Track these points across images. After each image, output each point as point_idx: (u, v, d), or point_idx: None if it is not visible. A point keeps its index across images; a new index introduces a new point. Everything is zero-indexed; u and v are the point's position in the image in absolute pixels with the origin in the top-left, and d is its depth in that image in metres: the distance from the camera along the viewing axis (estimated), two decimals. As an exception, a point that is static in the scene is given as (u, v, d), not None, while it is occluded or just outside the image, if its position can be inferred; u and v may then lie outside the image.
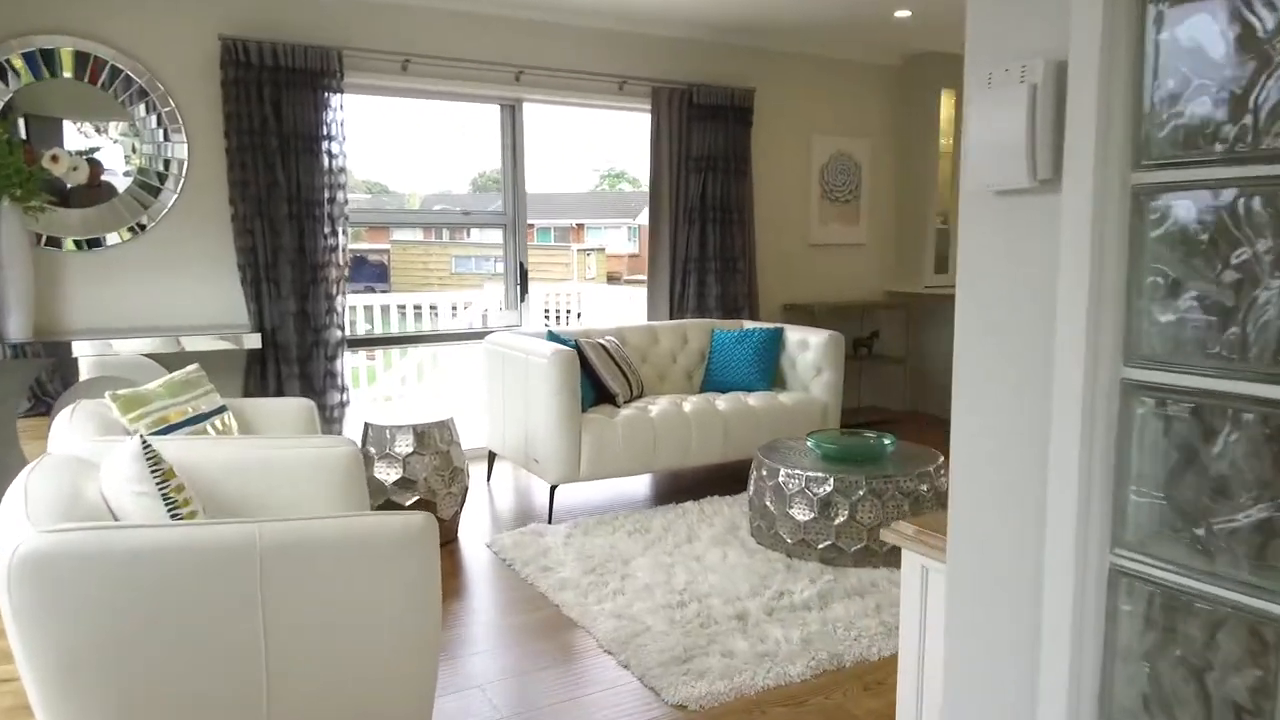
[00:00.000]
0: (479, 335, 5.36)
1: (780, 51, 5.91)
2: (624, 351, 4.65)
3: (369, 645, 2.00)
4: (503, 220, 5.38)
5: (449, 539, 3.88)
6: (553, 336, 4.44)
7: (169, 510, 2.07)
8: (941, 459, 3.60)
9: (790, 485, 3.48)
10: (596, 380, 4.37)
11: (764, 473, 3.61)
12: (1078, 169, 1.02)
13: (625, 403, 4.44)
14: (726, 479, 4.74)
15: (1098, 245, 1.01)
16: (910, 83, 6.33)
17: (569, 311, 9.15)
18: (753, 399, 4.59)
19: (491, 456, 4.85)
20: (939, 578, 1.88)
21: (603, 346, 4.50)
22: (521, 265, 5.42)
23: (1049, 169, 1.05)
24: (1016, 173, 1.07)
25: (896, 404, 6.68)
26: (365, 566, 2.00)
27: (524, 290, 5.43)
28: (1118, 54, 0.98)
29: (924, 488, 3.43)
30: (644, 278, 5.83)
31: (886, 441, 3.67)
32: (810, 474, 3.44)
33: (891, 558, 3.41)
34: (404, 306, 7.62)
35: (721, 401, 4.51)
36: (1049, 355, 1.08)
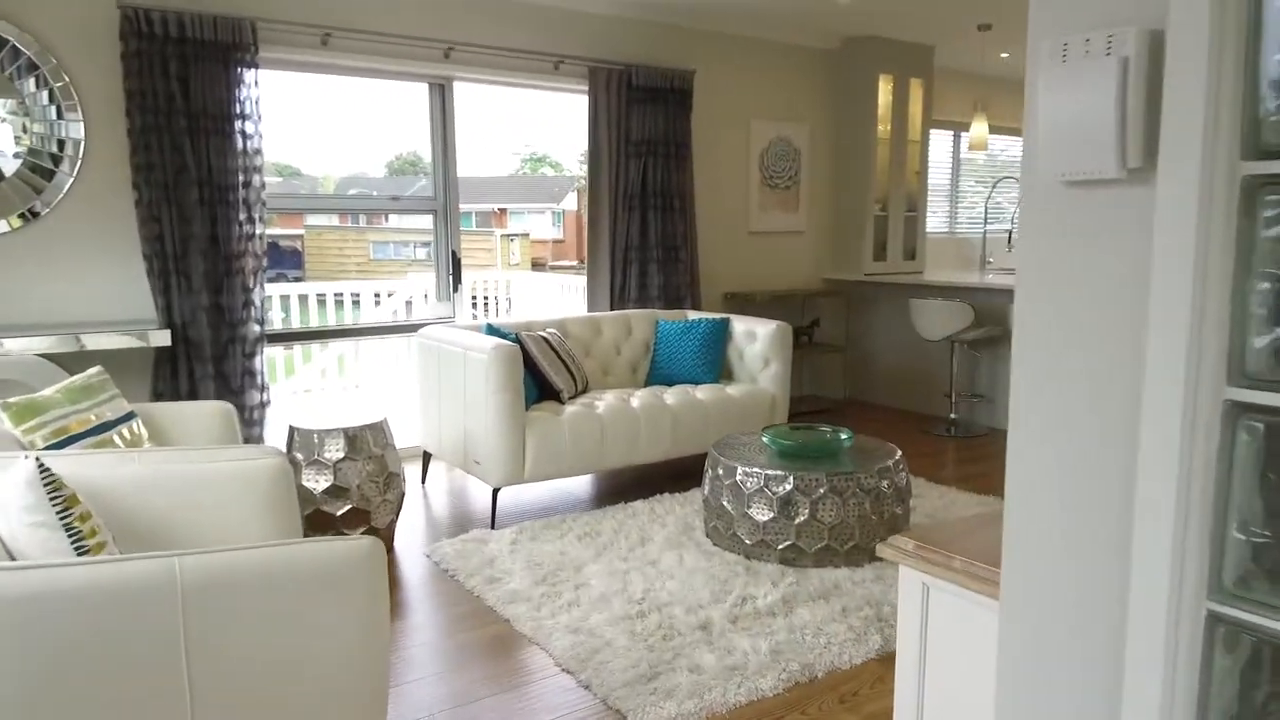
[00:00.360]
0: (410, 328, 5.08)
1: (720, 33, 5.76)
2: (567, 345, 4.44)
3: (310, 689, 1.78)
4: (432, 206, 5.10)
5: (385, 549, 3.63)
6: (492, 330, 4.20)
7: (73, 544, 1.80)
8: (899, 453, 3.52)
9: (749, 484, 3.34)
10: (540, 376, 4.16)
11: (720, 471, 3.47)
12: (1178, 157, 0.87)
13: (570, 399, 4.24)
14: (675, 475, 4.59)
15: (1201, 246, 0.86)
16: (849, 67, 6.25)
17: (497, 300, 8.87)
18: (701, 392, 4.44)
19: (426, 457, 4.59)
20: (941, 596, 1.76)
21: (545, 340, 4.29)
22: (454, 254, 5.15)
23: (1140, 156, 0.90)
24: (1099, 161, 0.92)
25: (835, 392, 6.64)
26: (304, 601, 1.77)
27: (456, 280, 5.17)
28: (1229, 21, 0.84)
29: (885, 484, 3.33)
30: (572, 264, 5.64)
31: (844, 436, 3.57)
32: (770, 472, 3.30)
33: (853, 556, 3.31)
34: (323, 296, 7.25)
35: (669, 395, 4.35)
36: (1136, 373, 0.93)
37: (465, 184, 5.16)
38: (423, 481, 4.57)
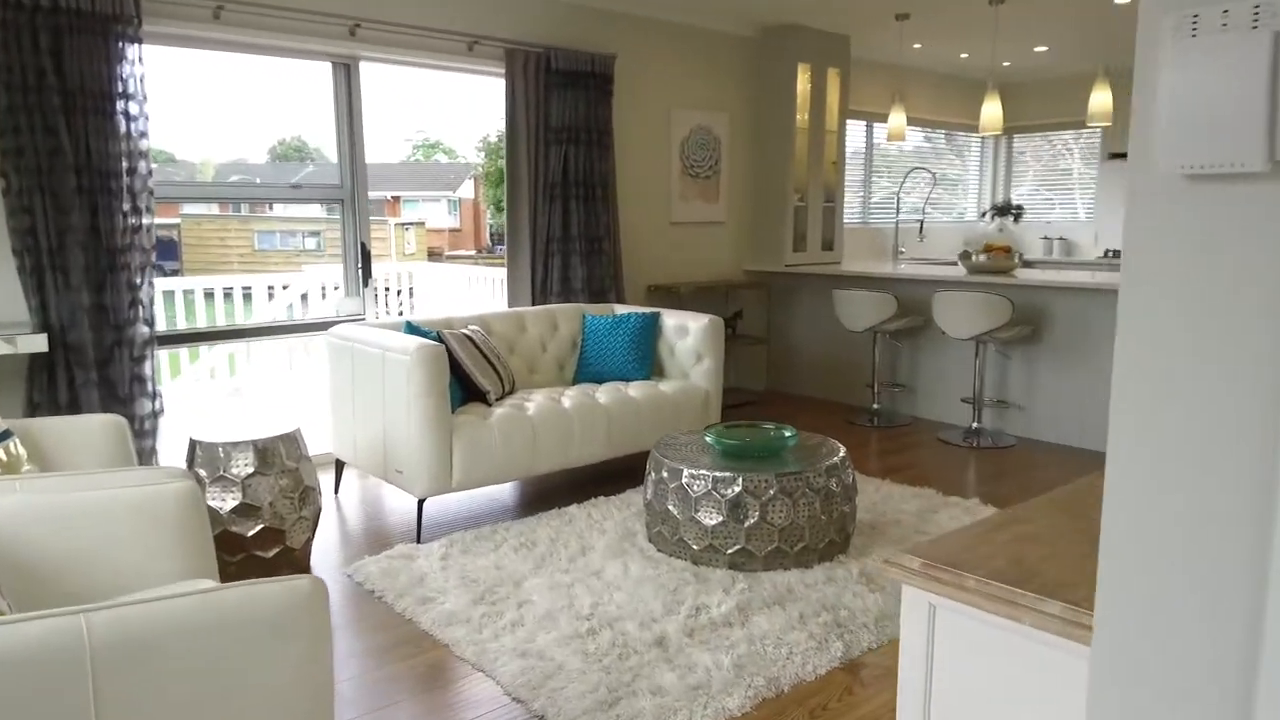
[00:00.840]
0: (319, 326, 4.74)
1: (641, 17, 5.58)
2: (491, 343, 4.20)
3: (246, 756, 1.54)
4: (338, 194, 4.76)
5: (299, 569, 3.34)
6: (412, 329, 3.93)
7: (-56, 603, 1.51)
8: (844, 450, 3.44)
9: (696, 487, 3.20)
10: (464, 377, 3.91)
11: (664, 474, 3.31)
12: (1340, 147, 0.75)
13: (497, 400, 4.01)
14: (608, 478, 4.41)
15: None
16: (768, 56, 6.18)
17: (399, 294, 8.46)
18: (633, 389, 4.28)
19: (339, 466, 4.28)
20: (951, 618, 1.64)
21: (468, 338, 4.04)
22: (363, 246, 4.82)
23: (1292, 147, 0.78)
24: (1239, 151, 0.79)
25: (757, 384, 6.59)
26: (237, 656, 1.53)
27: (366, 274, 4.85)
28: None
29: (833, 483, 3.25)
30: (470, 253, 5.39)
31: (788, 434, 3.47)
32: (718, 474, 3.17)
33: (803, 558, 3.22)
34: (211, 291, 6.73)
35: (601, 394, 4.17)
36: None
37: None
38: (335, 492, 4.26)
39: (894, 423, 5.60)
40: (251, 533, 3.12)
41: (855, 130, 7.16)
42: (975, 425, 5.24)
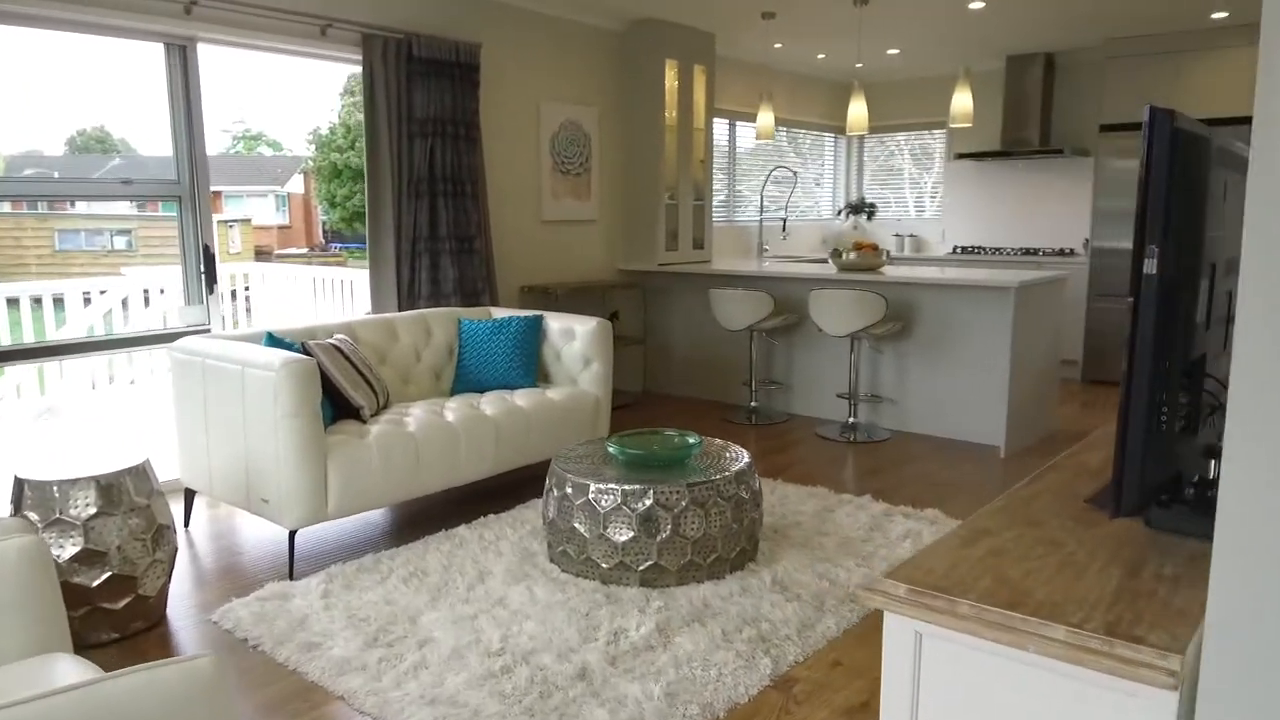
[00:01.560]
0: (157, 339, 4.22)
1: (506, 4, 5.32)
2: (360, 353, 3.86)
3: None
4: (175, 191, 4.25)
5: (154, 622, 2.92)
6: (273, 340, 3.54)
7: None
8: (748, 455, 3.36)
9: (604, 502, 3.03)
10: (335, 393, 3.56)
11: (568, 490, 3.12)
12: None
13: (372, 417, 3.68)
14: (494, 494, 4.16)
15: None
16: (635, 50, 6.05)
17: (233, 297, 7.77)
18: (520, 398, 4.05)
19: (189, 496, 3.81)
20: (941, 645, 1.55)
21: (336, 349, 3.69)
22: (206, 249, 4.34)
23: None
24: None
25: (634, 385, 6.48)
26: (124, 764, 1.24)
27: (211, 280, 4.36)
28: None
29: (743, 490, 3.15)
30: (301, 251, 5.04)
31: (691, 441, 3.35)
32: (628, 488, 3.01)
33: (715, 569, 3.11)
34: (15, 299, 5.93)
35: (486, 404, 3.92)
36: None
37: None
38: (186, 526, 3.79)
39: (772, 420, 5.62)
40: (97, 582, 2.69)
41: (719, 128, 7.17)
42: (851, 420, 5.33)
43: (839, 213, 8.61)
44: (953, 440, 5.15)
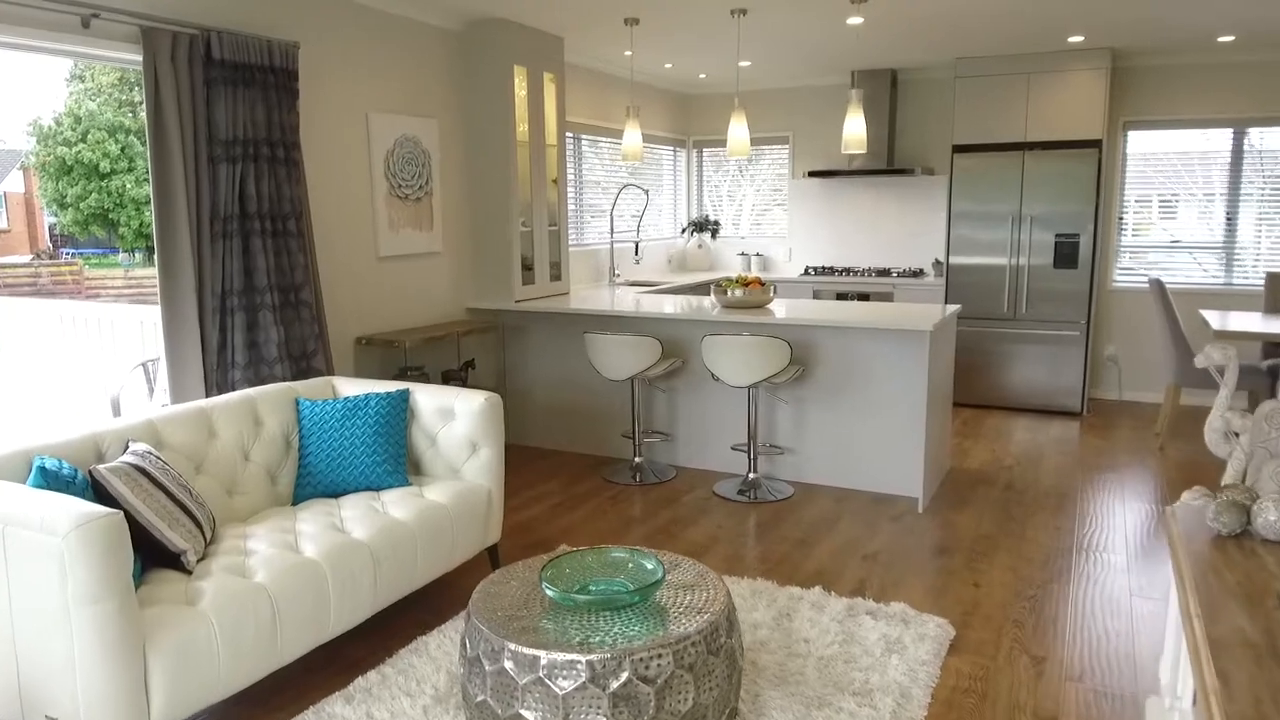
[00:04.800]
0: None
1: (324, -5, 4.31)
2: (171, 470, 2.81)
3: None
4: None
5: None
6: (46, 475, 2.44)
7: None
8: (723, 586, 2.69)
9: (563, 683, 2.25)
10: (145, 536, 2.52)
11: (508, 666, 2.31)
12: None
13: (199, 561, 2.66)
14: (369, 636, 3.23)
15: None
16: (476, 54, 5.19)
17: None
18: (393, 505, 3.15)
19: (-88, 693, 2.60)
20: None
21: (138, 470, 2.63)
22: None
23: None
24: None
25: (487, 440, 5.62)
26: None
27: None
28: None
29: (734, 641, 2.48)
30: (24, 260, 3.84)
31: (649, 565, 2.63)
32: (594, 658, 2.25)
33: (701, 742, 2.42)
34: None
35: (353, 520, 2.99)
36: None
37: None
38: (-91, 738, 2.59)
39: (660, 477, 4.99)
40: None
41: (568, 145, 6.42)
42: (751, 475, 4.81)
43: (682, 231, 8.13)
44: (857, 492, 4.76)
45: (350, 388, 3.62)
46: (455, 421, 3.46)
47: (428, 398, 3.51)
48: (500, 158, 5.21)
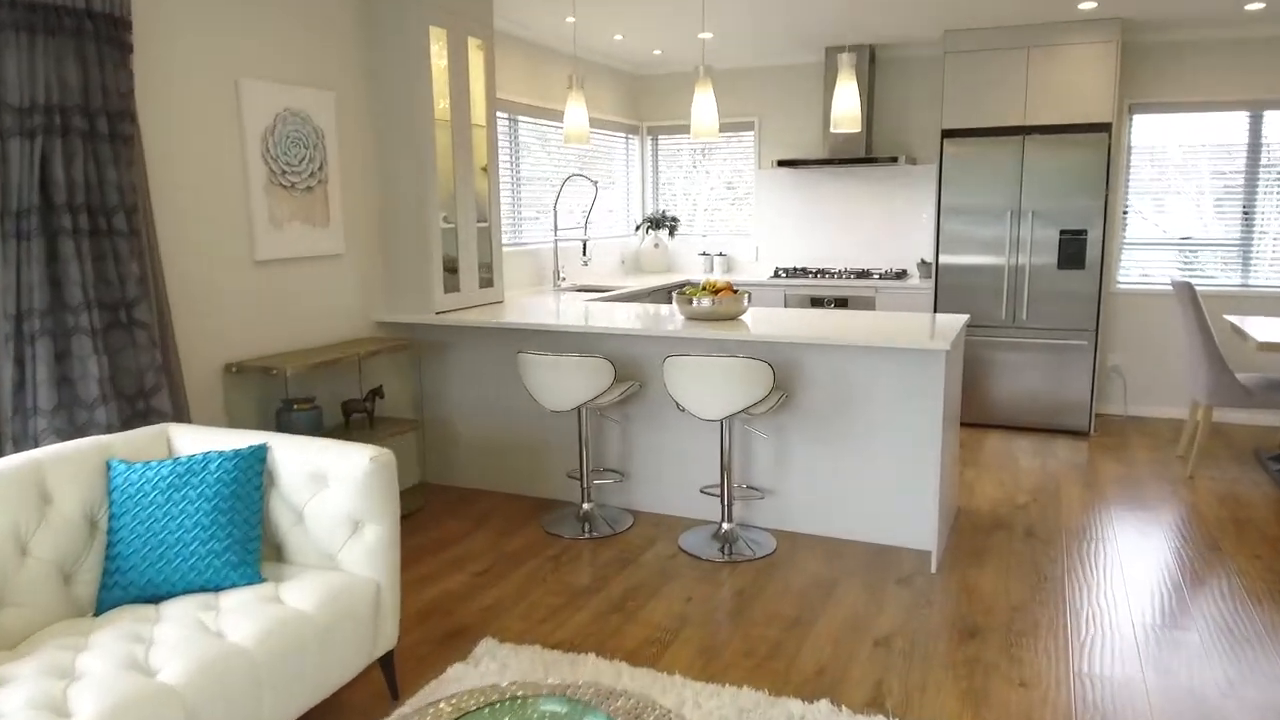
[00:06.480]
0: None
1: (170, -78, 3.33)
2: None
3: None
4: None
5: None
6: None
7: None
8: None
9: None
10: None
11: None
12: None
13: (-107, 743, 1.70)
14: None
15: None
16: (383, 10, 4.24)
17: None
18: (233, 616, 2.21)
19: None
20: None
21: None
22: None
23: None
24: None
25: (409, 478, 4.69)
26: None
27: None
28: None
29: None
30: None
31: (595, 730, 1.75)
32: None
33: None
34: None
35: (170, 648, 2.04)
36: None
37: None
38: None
39: (614, 527, 4.10)
40: None
41: (499, 125, 5.50)
42: (725, 526, 3.94)
43: (636, 228, 7.24)
44: (852, 543, 3.93)
45: (192, 441, 2.67)
46: (329, 490, 2.53)
47: (293, 455, 2.57)
48: (415, 139, 4.27)
